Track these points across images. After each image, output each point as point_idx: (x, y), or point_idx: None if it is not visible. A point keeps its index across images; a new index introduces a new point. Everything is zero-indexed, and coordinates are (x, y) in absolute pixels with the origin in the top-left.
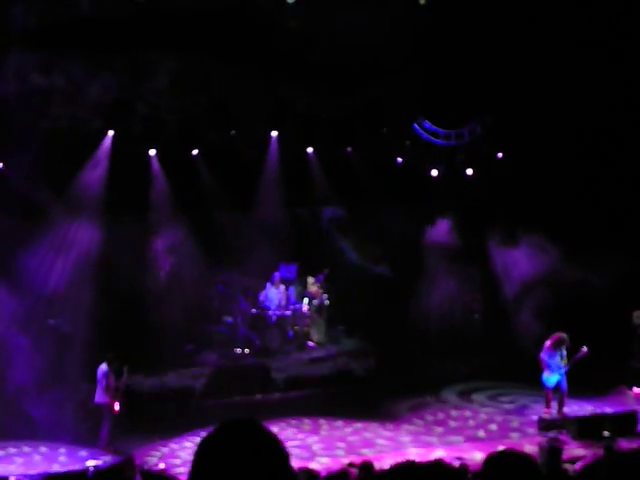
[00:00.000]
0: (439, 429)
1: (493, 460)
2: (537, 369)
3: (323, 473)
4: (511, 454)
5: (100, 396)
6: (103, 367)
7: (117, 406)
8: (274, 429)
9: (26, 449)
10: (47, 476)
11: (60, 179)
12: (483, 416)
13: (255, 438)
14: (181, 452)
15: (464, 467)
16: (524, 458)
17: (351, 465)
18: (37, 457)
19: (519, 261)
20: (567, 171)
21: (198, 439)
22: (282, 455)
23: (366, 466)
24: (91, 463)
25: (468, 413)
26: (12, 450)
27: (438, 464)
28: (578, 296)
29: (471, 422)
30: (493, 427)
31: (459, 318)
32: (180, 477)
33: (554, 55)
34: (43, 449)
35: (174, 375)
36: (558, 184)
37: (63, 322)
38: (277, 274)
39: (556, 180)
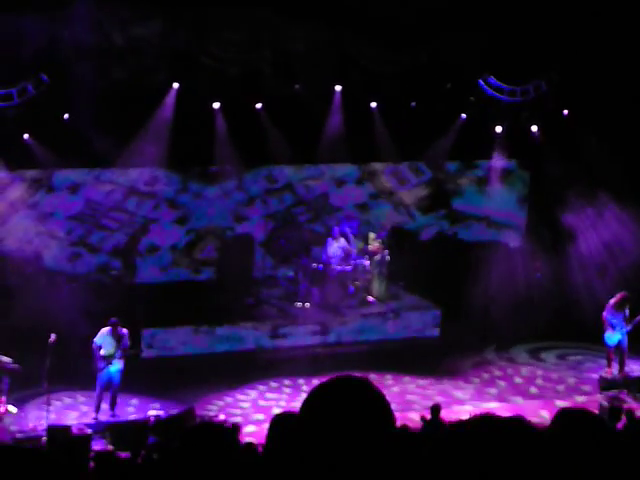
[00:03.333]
0: (498, 387)
1: (562, 418)
2: (599, 328)
3: None
4: (582, 413)
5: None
6: (101, 331)
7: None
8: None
9: (81, 398)
10: (109, 425)
11: (125, 131)
12: (542, 374)
13: (366, 395)
14: (239, 404)
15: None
16: (595, 418)
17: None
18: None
19: (588, 223)
20: (636, 128)
21: (255, 392)
22: (388, 414)
23: (436, 408)
24: (152, 413)
25: (527, 371)
26: (67, 400)
27: (519, 420)
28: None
29: (530, 380)
30: (553, 385)
31: (521, 276)
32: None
33: (622, 8)
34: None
35: (234, 328)
36: (627, 143)
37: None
38: (337, 228)
39: (625, 139)
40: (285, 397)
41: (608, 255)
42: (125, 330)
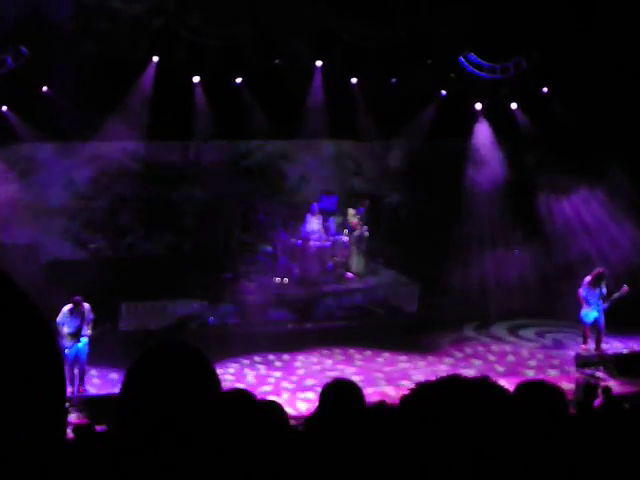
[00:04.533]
0: (476, 363)
1: (523, 388)
2: (576, 305)
3: None
4: (541, 384)
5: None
6: (63, 309)
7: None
8: (303, 357)
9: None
10: (86, 398)
11: (105, 105)
12: (524, 352)
13: (186, 360)
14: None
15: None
16: (553, 389)
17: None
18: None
19: (565, 207)
20: (615, 108)
21: (236, 365)
22: (213, 377)
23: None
24: None
25: (508, 348)
26: None
27: (484, 380)
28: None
29: (510, 357)
30: (532, 363)
31: (499, 253)
32: None
33: None
34: (75, 371)
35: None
36: (606, 123)
37: (105, 245)
38: (315, 205)
39: (604, 119)
40: (265, 372)
41: (586, 237)
42: (87, 305)
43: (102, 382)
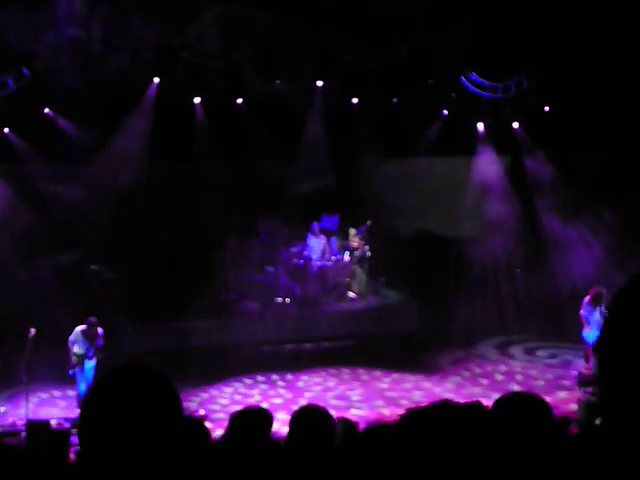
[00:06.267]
0: (479, 383)
1: (503, 401)
2: (578, 325)
3: (362, 423)
4: (522, 396)
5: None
6: (76, 329)
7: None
8: (306, 377)
9: (70, 392)
10: None
11: (106, 126)
12: (524, 370)
13: (145, 382)
14: (220, 398)
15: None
16: (536, 400)
17: None
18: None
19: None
20: (617, 126)
21: (238, 384)
22: (173, 400)
23: None
24: None
25: (507, 367)
26: (56, 393)
27: (477, 406)
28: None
29: (514, 376)
30: (539, 383)
31: (501, 272)
32: (219, 423)
33: (603, 6)
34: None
35: (215, 323)
36: (607, 141)
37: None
38: (316, 224)
39: (605, 137)
40: (273, 392)
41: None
42: (100, 330)
43: None
